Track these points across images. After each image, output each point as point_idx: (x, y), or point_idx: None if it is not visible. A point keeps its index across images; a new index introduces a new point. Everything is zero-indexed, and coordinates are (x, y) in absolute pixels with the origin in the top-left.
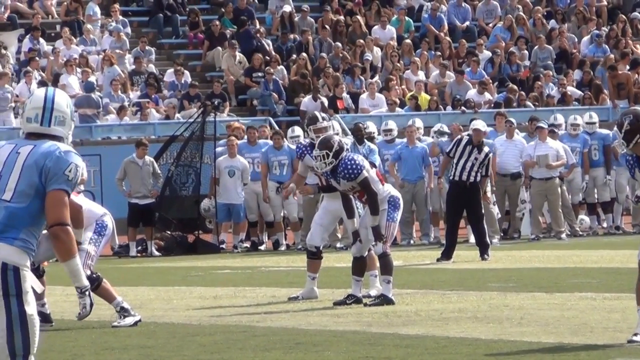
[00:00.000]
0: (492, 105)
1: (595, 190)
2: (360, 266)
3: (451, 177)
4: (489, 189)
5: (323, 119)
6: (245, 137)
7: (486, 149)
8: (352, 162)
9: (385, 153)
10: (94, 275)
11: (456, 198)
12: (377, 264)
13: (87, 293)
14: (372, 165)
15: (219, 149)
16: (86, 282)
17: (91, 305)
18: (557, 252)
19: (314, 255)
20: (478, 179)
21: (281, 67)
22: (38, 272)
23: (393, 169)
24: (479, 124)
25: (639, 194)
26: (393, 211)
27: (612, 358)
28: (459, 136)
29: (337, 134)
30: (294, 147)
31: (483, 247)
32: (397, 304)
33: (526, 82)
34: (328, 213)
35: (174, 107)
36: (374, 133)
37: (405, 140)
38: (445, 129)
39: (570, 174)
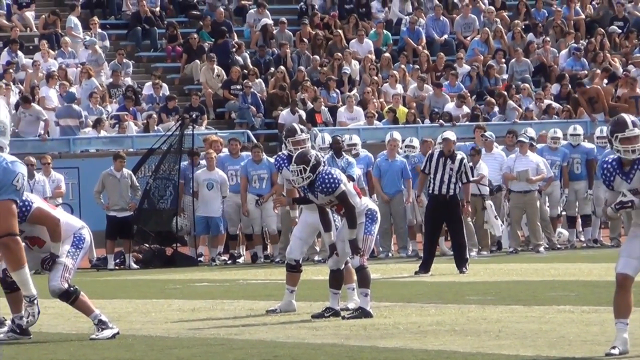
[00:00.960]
0: (469, 118)
1: (577, 204)
2: (337, 279)
3: (430, 191)
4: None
5: (302, 130)
6: (226, 149)
7: (459, 155)
8: (329, 176)
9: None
10: (72, 289)
11: (436, 212)
12: (354, 277)
13: (35, 302)
14: (350, 178)
15: (202, 162)
16: (34, 292)
17: (38, 313)
18: (535, 265)
19: (294, 269)
20: (457, 190)
21: (259, 80)
22: (16, 285)
23: (378, 184)
24: (448, 134)
25: (623, 199)
26: (370, 224)
27: None
28: (430, 151)
29: (321, 147)
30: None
31: (462, 260)
32: (375, 316)
33: (504, 96)
34: (307, 226)
35: (155, 119)
36: (357, 145)
37: (385, 152)
38: (415, 142)
39: (548, 187)
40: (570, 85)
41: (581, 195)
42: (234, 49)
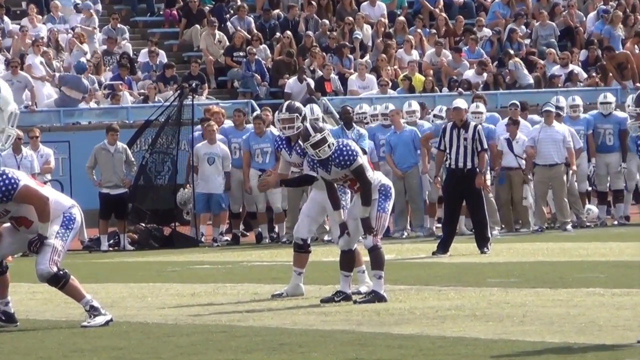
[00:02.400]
0: (489, 84)
1: (609, 178)
2: (348, 260)
3: (447, 165)
4: (489, 177)
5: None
6: (230, 121)
7: (472, 124)
8: (347, 148)
9: (382, 138)
10: (61, 272)
11: (454, 187)
12: (362, 259)
13: None
14: (363, 151)
15: (196, 134)
16: None
17: None
18: (562, 245)
19: (301, 249)
20: (475, 163)
21: (264, 46)
22: (1, 268)
23: (391, 160)
24: (459, 102)
25: None
26: (384, 201)
27: (621, 359)
28: (443, 125)
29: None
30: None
31: (483, 240)
32: (390, 301)
33: (527, 62)
34: (316, 204)
35: (155, 88)
36: (367, 115)
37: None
38: (443, 112)
39: (577, 160)
40: (598, 50)
41: (613, 169)
42: (226, 17)
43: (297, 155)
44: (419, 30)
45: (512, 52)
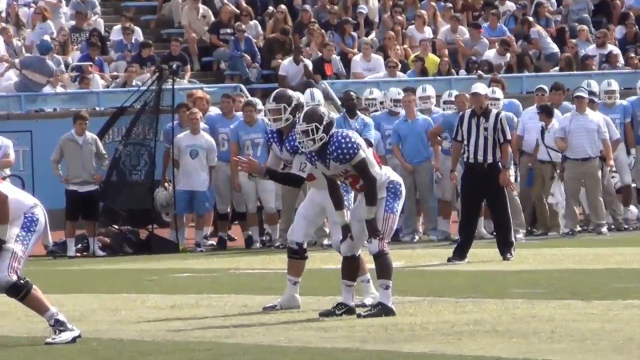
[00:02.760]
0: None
1: None
2: (351, 268)
3: (465, 159)
4: (512, 172)
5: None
6: (211, 107)
7: (494, 111)
8: (347, 139)
9: (388, 128)
10: (22, 281)
11: (473, 184)
12: (366, 267)
13: None
14: (368, 143)
15: (176, 123)
16: None
17: None
18: (596, 250)
19: (296, 254)
20: (497, 156)
21: (255, 22)
22: None
23: (399, 152)
24: (479, 87)
25: None
26: (393, 200)
27: None
28: (461, 113)
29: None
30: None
31: (506, 245)
32: (399, 314)
33: (557, 40)
34: (314, 204)
35: (135, 71)
36: (375, 101)
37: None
38: (452, 96)
39: (614, 152)
40: (637, 27)
41: None
42: None
43: (287, 153)
44: (432, 3)
45: (531, 19)
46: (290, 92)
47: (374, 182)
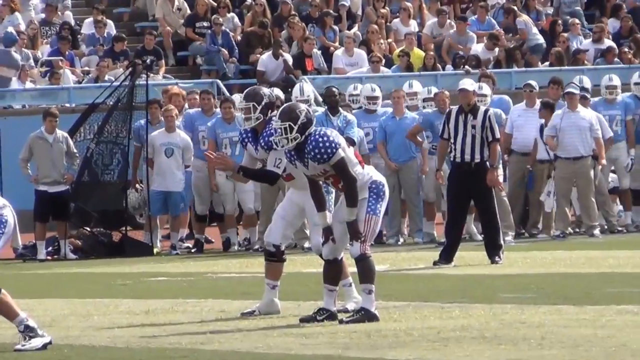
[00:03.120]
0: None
1: None
2: (333, 272)
3: (452, 158)
4: (500, 172)
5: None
6: (186, 105)
7: (482, 108)
8: (325, 138)
9: (366, 126)
10: None
11: (459, 184)
12: (348, 271)
13: None
14: (350, 142)
15: (143, 121)
16: None
17: None
18: (588, 253)
19: (273, 257)
20: (485, 156)
21: (232, 14)
22: None
23: (383, 149)
24: (466, 83)
25: None
26: (375, 201)
27: None
28: (447, 109)
29: (299, 100)
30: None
31: (494, 248)
32: (382, 320)
33: (548, 34)
34: (294, 205)
35: (107, 66)
36: (358, 97)
37: (390, 110)
38: (432, 94)
39: (609, 151)
40: (632, 21)
41: None
42: None
43: (263, 150)
44: None
45: (515, 8)
46: (263, 89)
47: (354, 183)
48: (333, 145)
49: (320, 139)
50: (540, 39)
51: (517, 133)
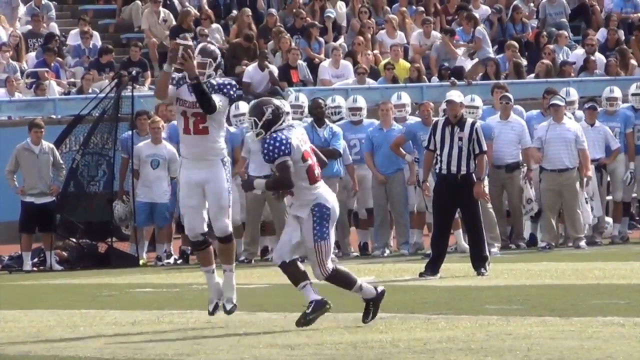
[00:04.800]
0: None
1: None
2: (292, 274)
3: (437, 170)
4: (486, 182)
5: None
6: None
7: (470, 120)
8: (278, 141)
9: (352, 138)
10: None
11: (446, 196)
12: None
13: None
14: (337, 153)
15: (129, 133)
16: None
17: None
18: (574, 265)
19: (201, 246)
20: (471, 168)
21: (217, 26)
22: None
23: (370, 160)
24: (453, 94)
25: None
26: (320, 226)
27: None
28: (433, 120)
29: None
30: (234, 129)
31: (480, 260)
32: (370, 331)
33: (534, 46)
34: (190, 188)
35: (93, 78)
36: (362, 110)
37: (377, 121)
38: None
39: (611, 162)
40: (618, 32)
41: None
42: None
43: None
44: (403, 8)
45: (477, 15)
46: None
47: (284, 183)
48: (282, 149)
49: (273, 141)
50: (490, 52)
51: (494, 145)
